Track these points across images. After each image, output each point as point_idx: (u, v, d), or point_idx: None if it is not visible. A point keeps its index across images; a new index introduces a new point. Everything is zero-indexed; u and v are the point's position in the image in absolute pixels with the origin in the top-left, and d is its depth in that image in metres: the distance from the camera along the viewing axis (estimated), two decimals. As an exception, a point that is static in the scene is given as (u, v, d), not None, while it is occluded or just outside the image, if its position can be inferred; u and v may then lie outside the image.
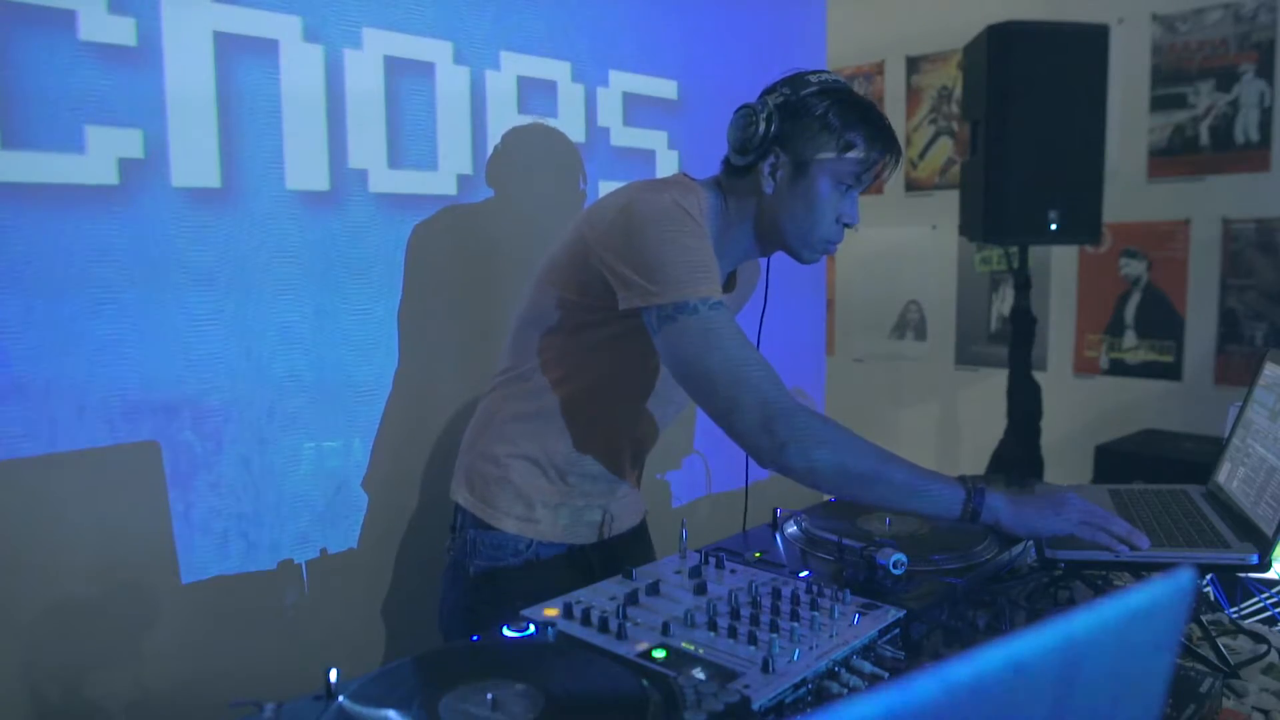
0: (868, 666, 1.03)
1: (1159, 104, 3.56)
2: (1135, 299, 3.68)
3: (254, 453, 1.65)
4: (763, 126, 1.38)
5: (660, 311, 1.26)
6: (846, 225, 1.40)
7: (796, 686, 0.97)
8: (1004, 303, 4.00)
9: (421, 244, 1.87)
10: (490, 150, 1.98)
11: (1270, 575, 1.32)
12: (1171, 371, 3.60)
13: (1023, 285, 3.01)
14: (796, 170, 1.37)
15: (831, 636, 1.06)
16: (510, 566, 1.49)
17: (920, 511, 1.30)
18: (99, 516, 1.48)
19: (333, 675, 0.92)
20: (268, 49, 1.62)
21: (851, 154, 1.35)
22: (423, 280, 1.88)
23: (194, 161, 1.54)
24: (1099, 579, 1.36)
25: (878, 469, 1.25)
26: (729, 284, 1.54)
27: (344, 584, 1.81)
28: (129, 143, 1.47)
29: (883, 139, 1.37)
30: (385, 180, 1.81)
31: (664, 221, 1.27)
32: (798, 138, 1.36)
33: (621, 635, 1.06)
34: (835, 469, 1.25)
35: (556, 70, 2.09)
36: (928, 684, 0.36)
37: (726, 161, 1.45)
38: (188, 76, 1.53)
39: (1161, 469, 2.91)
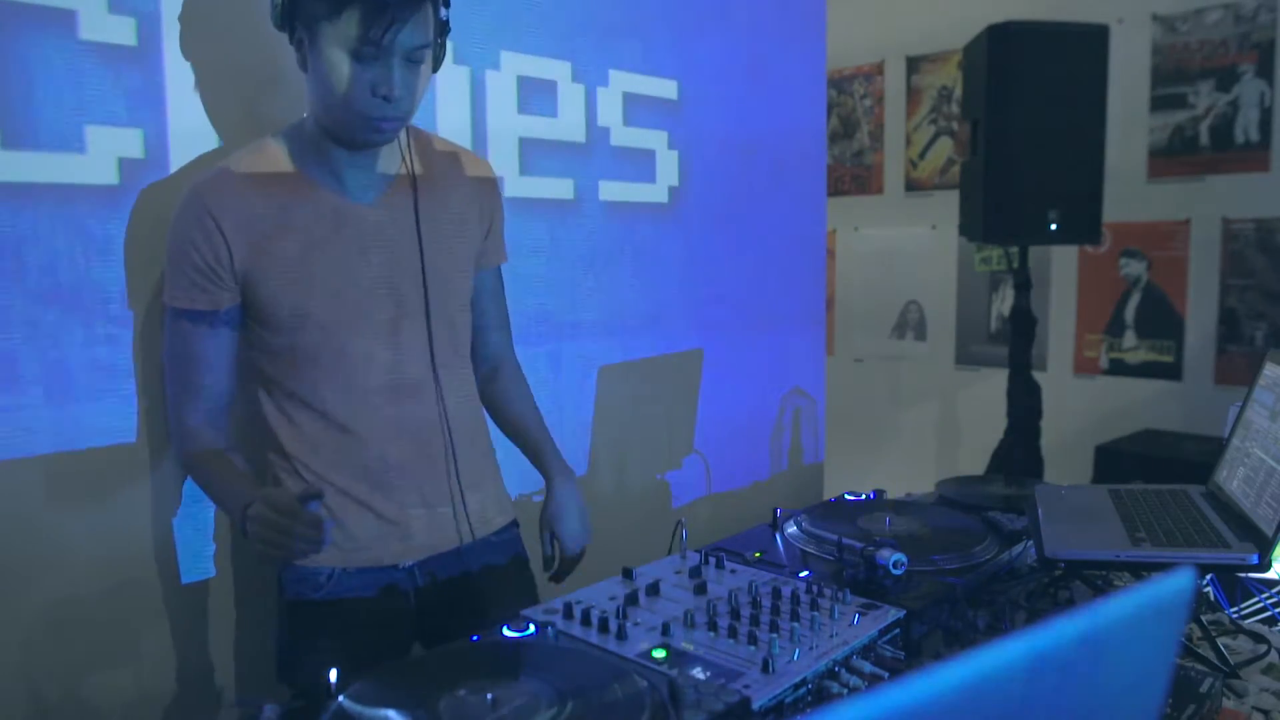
0: (868, 666, 1.03)
1: (1159, 104, 3.56)
2: (1135, 299, 3.68)
3: (254, 453, 1.65)
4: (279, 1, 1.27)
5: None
6: (385, 98, 1.26)
7: (796, 686, 0.97)
8: (1004, 303, 4.00)
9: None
10: (490, 151, 1.97)
11: (1270, 575, 1.32)
12: (1171, 371, 3.60)
13: (1023, 285, 3.01)
14: (312, 44, 1.26)
15: (831, 636, 1.06)
16: (312, 601, 1.40)
17: (217, 501, 1.38)
18: (99, 516, 1.48)
19: (333, 675, 0.92)
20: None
21: (346, 15, 1.22)
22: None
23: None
24: (1099, 579, 1.36)
25: (217, 470, 1.34)
26: (396, 188, 1.40)
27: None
28: (129, 143, 1.47)
29: None
30: (385, 180, 1.81)
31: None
32: (303, 6, 1.25)
33: (621, 635, 1.06)
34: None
35: (556, 70, 2.09)
36: (928, 684, 0.36)
37: None
38: (188, 76, 1.52)
39: (1161, 469, 2.91)
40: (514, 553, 1.57)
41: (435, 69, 1.35)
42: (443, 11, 1.32)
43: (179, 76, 1.51)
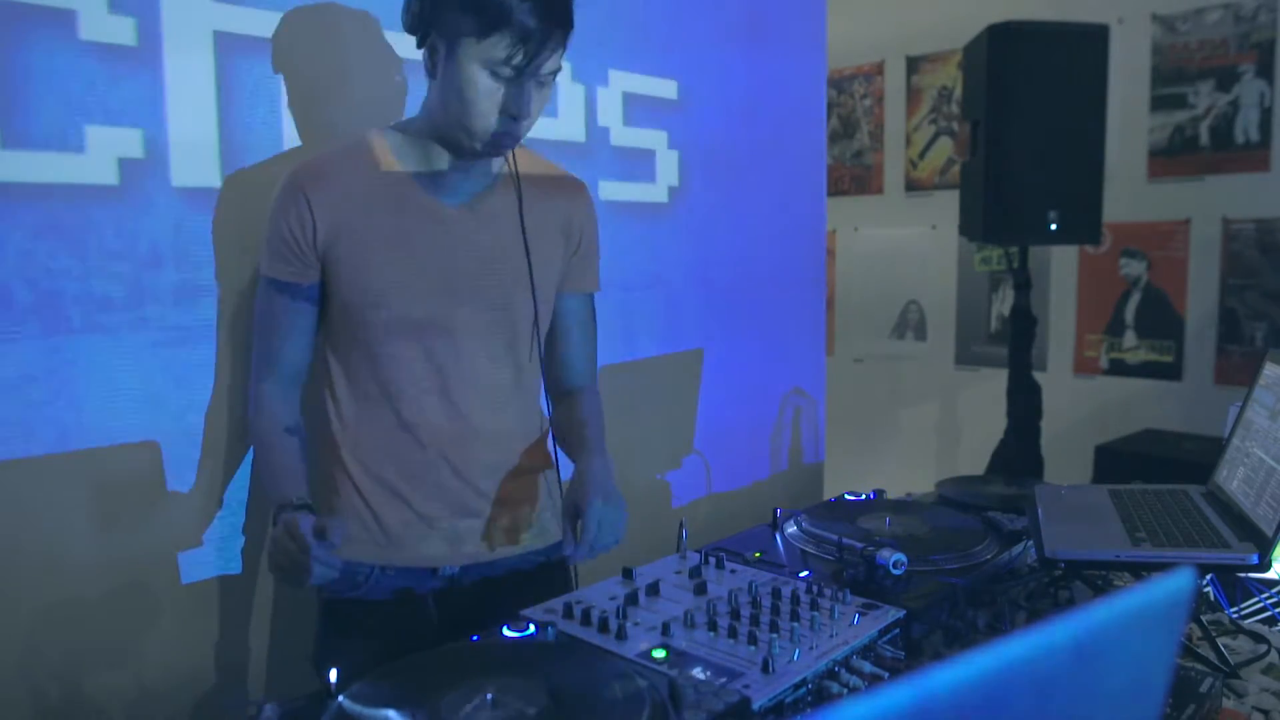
0: (868, 666, 1.03)
1: (1159, 104, 3.56)
2: (1135, 299, 3.68)
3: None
4: (417, 5, 1.28)
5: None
6: (514, 117, 1.28)
7: (796, 686, 0.97)
8: (1004, 303, 4.00)
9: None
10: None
11: (1270, 575, 1.32)
12: (1171, 371, 3.60)
13: (1023, 285, 3.01)
14: (449, 55, 1.26)
15: (831, 636, 1.06)
16: (348, 600, 1.41)
17: (265, 483, 1.42)
18: (99, 516, 1.48)
19: (333, 675, 0.92)
20: (268, 48, 1.62)
21: (494, 38, 1.21)
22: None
23: (194, 161, 1.54)
24: (1099, 579, 1.36)
25: (271, 449, 1.37)
26: (486, 197, 1.40)
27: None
28: (129, 143, 1.47)
29: (534, 21, 1.21)
30: (385, 180, 1.81)
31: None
32: (446, 19, 1.24)
33: (621, 635, 1.06)
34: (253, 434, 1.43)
35: (556, 70, 2.08)
36: (928, 684, 0.36)
37: None
38: (188, 76, 1.52)
39: (1161, 469, 2.91)
40: (559, 562, 1.53)
41: None
42: None
43: (179, 76, 1.52)
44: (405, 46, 1.74)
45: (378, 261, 1.34)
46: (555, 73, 1.30)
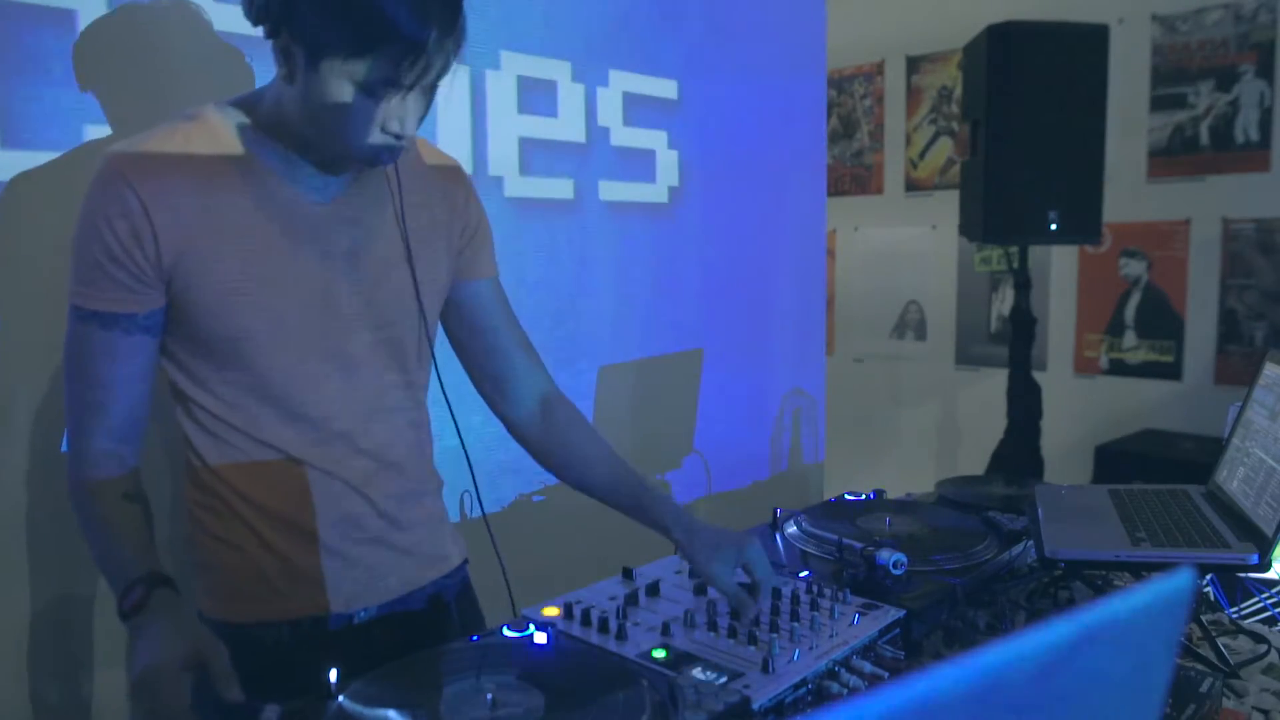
0: (868, 666, 1.03)
1: (1159, 104, 3.56)
2: (1135, 299, 3.68)
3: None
4: None
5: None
6: (396, 135, 1.06)
7: (796, 686, 0.97)
8: (1004, 303, 4.00)
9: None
10: (490, 151, 1.97)
11: (1270, 575, 1.32)
12: (1171, 371, 3.60)
13: (1023, 285, 3.01)
14: (310, 66, 1.01)
15: (831, 636, 1.06)
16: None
17: (108, 570, 1.08)
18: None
19: (333, 675, 0.92)
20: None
21: (371, 57, 0.99)
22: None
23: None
24: (1099, 579, 1.36)
25: (107, 525, 1.09)
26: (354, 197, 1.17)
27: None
28: (129, 143, 1.47)
29: (421, 33, 0.98)
30: (385, 180, 1.81)
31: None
32: (305, 25, 1.00)
33: (621, 635, 1.06)
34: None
35: (556, 70, 2.09)
36: (927, 684, 0.36)
37: None
38: (187, 77, 1.52)
39: (1161, 469, 2.92)
40: (465, 587, 1.37)
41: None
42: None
43: (178, 76, 1.51)
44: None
45: (238, 275, 1.08)
46: (444, 74, 1.06)
